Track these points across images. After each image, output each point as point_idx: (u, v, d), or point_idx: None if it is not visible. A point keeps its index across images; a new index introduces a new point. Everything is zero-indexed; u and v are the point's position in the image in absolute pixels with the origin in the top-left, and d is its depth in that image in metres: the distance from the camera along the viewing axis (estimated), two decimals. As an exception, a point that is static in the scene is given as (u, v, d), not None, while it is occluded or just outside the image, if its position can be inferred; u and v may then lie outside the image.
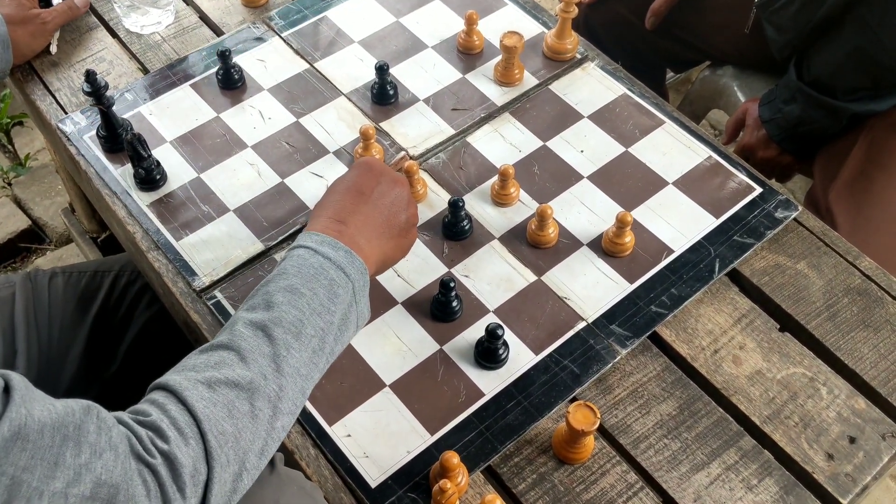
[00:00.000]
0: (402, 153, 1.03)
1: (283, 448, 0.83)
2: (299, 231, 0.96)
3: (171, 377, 0.68)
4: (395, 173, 0.86)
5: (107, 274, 1.13)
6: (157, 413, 0.65)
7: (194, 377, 0.67)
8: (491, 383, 0.86)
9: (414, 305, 0.91)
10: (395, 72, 1.12)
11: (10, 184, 2.06)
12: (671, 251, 0.96)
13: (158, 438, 0.63)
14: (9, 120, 2.08)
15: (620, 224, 0.93)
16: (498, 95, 1.10)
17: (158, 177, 1.00)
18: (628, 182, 1.02)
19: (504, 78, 1.10)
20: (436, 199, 1.00)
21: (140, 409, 0.66)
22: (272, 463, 0.79)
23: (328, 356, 0.74)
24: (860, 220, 1.18)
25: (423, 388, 0.86)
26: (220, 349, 0.70)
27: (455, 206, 0.94)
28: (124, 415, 0.65)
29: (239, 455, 0.66)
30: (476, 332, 0.89)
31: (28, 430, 0.55)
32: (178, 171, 1.03)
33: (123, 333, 1.12)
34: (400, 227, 0.84)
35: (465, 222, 0.96)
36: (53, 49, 1.16)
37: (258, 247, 0.96)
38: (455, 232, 0.97)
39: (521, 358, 0.88)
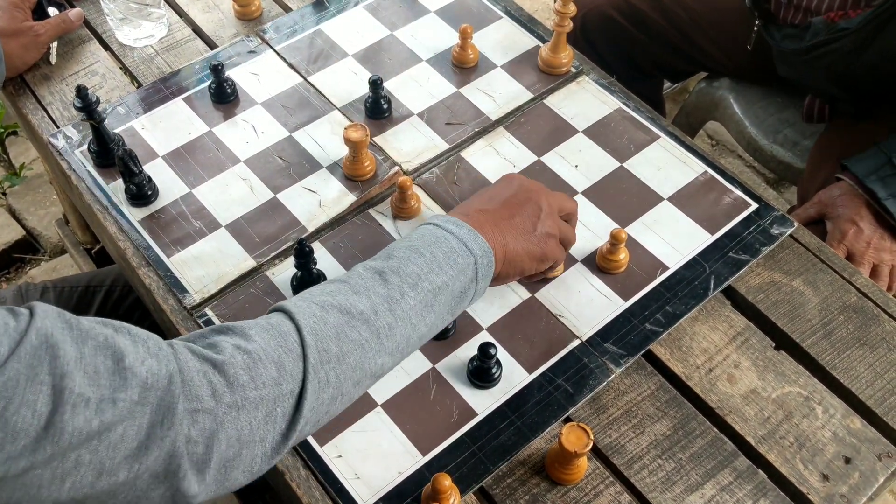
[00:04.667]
0: (396, 168, 1.03)
1: (272, 468, 0.82)
2: (291, 248, 0.95)
3: (288, 301, 0.71)
4: (534, 183, 0.87)
5: (98, 289, 1.12)
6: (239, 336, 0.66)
7: (309, 299, 0.70)
8: (484, 402, 0.85)
9: (406, 323, 0.91)
10: (389, 86, 1.12)
11: (4, 193, 2.05)
12: (666, 268, 0.95)
13: (241, 338, 0.65)
14: (3, 129, 2.08)
15: (614, 240, 0.92)
16: (492, 109, 1.09)
17: (150, 192, 1.00)
18: (623, 197, 1.01)
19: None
20: (429, 215, 0.99)
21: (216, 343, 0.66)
22: None
23: (435, 318, 0.75)
24: None
25: (415, 408, 0.85)
26: (337, 282, 0.73)
27: (448, 222, 0.94)
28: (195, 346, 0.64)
29: (339, 378, 0.67)
30: (469, 350, 0.88)
31: (55, 339, 0.54)
32: (169, 186, 1.02)
33: None
34: (527, 230, 0.83)
35: (458, 238, 0.96)
36: (53, 59, 1.16)
37: (250, 263, 0.95)
38: (448, 248, 0.96)
39: (514, 377, 0.87)
